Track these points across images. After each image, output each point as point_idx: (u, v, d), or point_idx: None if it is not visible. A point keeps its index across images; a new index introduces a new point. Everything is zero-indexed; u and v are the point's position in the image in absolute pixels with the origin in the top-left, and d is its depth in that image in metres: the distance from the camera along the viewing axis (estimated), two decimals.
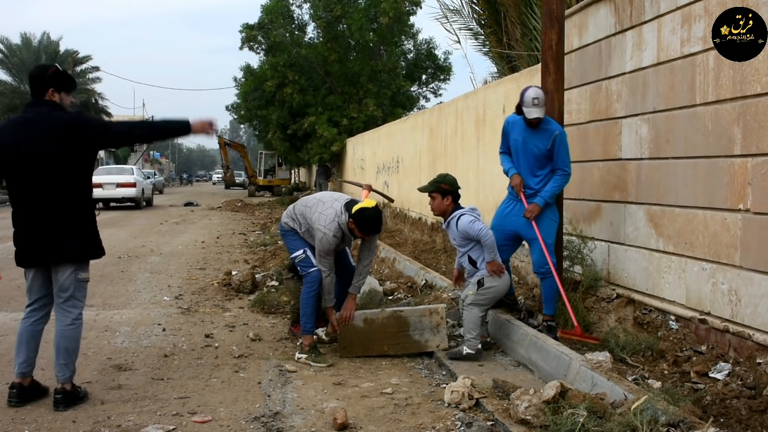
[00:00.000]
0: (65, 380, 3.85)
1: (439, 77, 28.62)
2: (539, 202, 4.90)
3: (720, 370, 3.83)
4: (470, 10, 10.71)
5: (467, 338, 4.75)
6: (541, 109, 4.83)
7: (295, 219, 5.15)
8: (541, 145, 4.89)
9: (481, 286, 4.77)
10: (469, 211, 4.90)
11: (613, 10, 5.16)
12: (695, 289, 4.27)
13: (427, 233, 10.94)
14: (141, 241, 12.56)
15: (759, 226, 3.70)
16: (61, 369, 3.85)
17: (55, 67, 3.95)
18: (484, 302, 4.79)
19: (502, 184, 7.51)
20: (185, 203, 25.99)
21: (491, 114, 8.01)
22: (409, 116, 16.24)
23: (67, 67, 38.39)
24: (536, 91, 4.87)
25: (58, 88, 3.86)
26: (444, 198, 4.94)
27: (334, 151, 23.66)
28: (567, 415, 3.26)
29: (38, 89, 3.85)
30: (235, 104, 32.11)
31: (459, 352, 4.72)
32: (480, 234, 4.71)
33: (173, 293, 7.48)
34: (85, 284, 3.96)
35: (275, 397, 4.06)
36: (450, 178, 5.07)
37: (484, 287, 4.77)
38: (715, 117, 4.03)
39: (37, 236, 3.81)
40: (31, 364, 3.94)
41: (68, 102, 3.93)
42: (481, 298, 4.78)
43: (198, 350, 5.16)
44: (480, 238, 4.69)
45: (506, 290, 4.99)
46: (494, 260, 4.75)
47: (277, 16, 25.08)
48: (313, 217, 4.95)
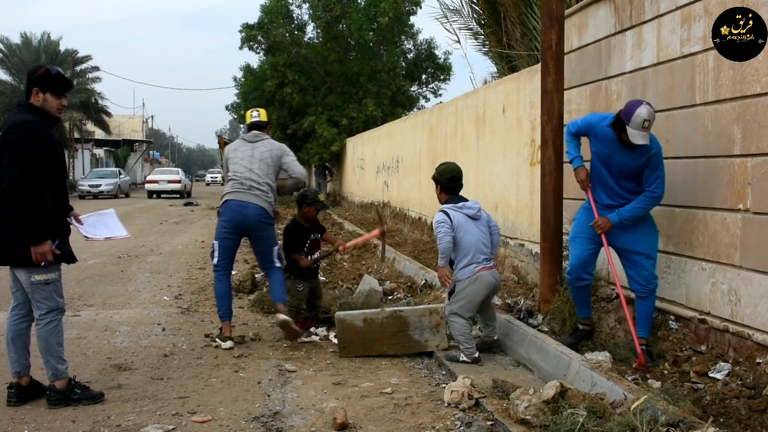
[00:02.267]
0: (51, 378, 3.92)
1: (439, 77, 28.57)
2: (613, 219, 4.27)
3: (720, 370, 3.83)
4: (470, 10, 10.71)
5: (462, 347, 4.67)
6: (649, 136, 4.10)
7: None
8: (631, 163, 4.24)
9: (452, 294, 4.73)
10: (453, 207, 4.71)
11: (612, 10, 5.16)
12: (695, 288, 4.27)
13: (426, 233, 10.93)
14: (141, 241, 12.56)
15: (759, 226, 3.70)
16: (45, 367, 3.93)
17: (46, 67, 3.93)
18: (460, 310, 4.66)
19: (503, 184, 7.53)
20: (185, 203, 25.99)
21: (491, 114, 8.01)
22: (409, 116, 16.24)
23: (67, 67, 38.45)
24: (649, 111, 4.05)
25: (43, 88, 3.83)
26: (437, 187, 4.89)
27: (333, 151, 23.64)
28: (567, 415, 3.26)
29: (27, 88, 3.90)
30: (235, 104, 32.05)
31: (456, 357, 4.69)
32: (436, 235, 4.58)
33: (173, 293, 7.48)
34: (43, 286, 3.82)
35: (275, 396, 4.06)
36: (442, 167, 4.94)
37: (456, 295, 4.70)
38: (715, 117, 4.03)
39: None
40: (23, 363, 3.96)
41: (56, 104, 3.88)
42: (457, 307, 4.67)
43: (198, 350, 5.16)
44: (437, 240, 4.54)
45: (482, 293, 4.67)
46: (443, 266, 4.68)
47: (276, 16, 25.05)
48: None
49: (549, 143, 5.21)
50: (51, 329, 3.87)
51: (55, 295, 3.89)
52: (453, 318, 4.69)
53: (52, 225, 3.84)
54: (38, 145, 3.74)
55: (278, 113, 25.68)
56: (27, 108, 3.86)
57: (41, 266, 3.78)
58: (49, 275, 3.84)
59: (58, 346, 3.91)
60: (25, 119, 3.78)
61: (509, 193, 7.32)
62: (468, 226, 4.73)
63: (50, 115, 3.90)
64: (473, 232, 4.74)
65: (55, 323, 3.89)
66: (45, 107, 3.86)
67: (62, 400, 3.87)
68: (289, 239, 5.79)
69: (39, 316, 3.88)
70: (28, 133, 3.72)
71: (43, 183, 3.75)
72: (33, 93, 3.85)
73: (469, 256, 4.69)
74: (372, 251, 10.14)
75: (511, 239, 7.25)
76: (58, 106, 3.91)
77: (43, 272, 3.82)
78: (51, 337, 3.88)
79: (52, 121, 3.94)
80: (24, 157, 3.67)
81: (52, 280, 3.86)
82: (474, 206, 4.86)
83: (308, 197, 5.78)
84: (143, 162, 60.52)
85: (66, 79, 3.97)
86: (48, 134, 3.85)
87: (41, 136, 3.77)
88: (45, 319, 3.87)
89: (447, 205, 4.80)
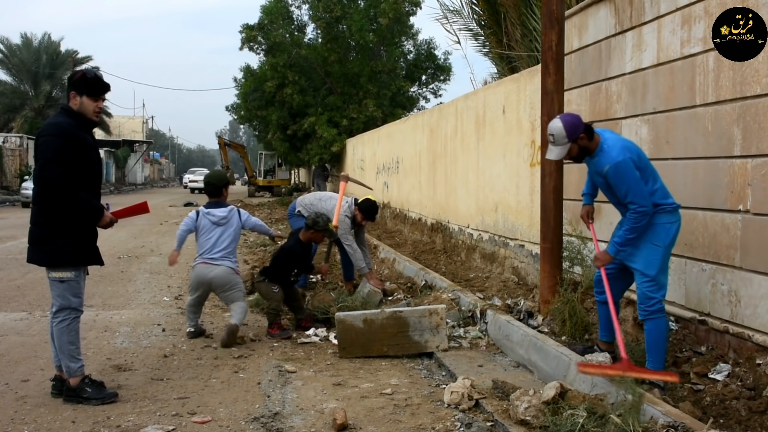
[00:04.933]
0: (66, 374, 4.01)
1: (439, 78, 28.58)
2: (611, 251, 3.93)
3: (719, 371, 3.82)
4: (470, 11, 10.71)
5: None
6: (561, 148, 3.91)
7: (305, 207, 6.91)
8: (599, 181, 4.08)
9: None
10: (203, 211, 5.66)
11: (613, 11, 5.16)
12: (695, 289, 4.27)
13: (426, 234, 10.93)
14: (141, 242, 12.56)
15: (759, 227, 3.70)
16: (62, 363, 4.03)
17: (83, 71, 4.07)
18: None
19: (503, 184, 7.54)
20: (185, 203, 25.99)
21: (491, 114, 8.01)
22: (409, 117, 16.24)
23: (67, 68, 38.47)
24: (553, 125, 3.93)
25: (80, 91, 3.95)
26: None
27: (334, 152, 23.65)
28: (567, 416, 3.26)
29: (66, 92, 4.01)
30: (235, 105, 32.06)
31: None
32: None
33: (173, 293, 7.48)
34: (57, 283, 3.96)
35: (275, 397, 4.06)
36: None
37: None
38: (715, 118, 4.03)
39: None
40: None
41: (92, 107, 4.00)
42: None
43: (198, 350, 5.16)
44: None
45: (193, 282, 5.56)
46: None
47: (276, 16, 25.07)
48: (327, 207, 6.77)
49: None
50: (63, 327, 3.96)
51: (68, 294, 3.97)
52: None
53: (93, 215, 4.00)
54: (68, 145, 3.83)
55: (278, 114, 25.70)
56: (64, 111, 3.99)
57: (62, 264, 3.92)
58: (64, 273, 3.95)
59: (70, 345, 3.98)
60: (56, 122, 3.92)
61: (509, 193, 7.32)
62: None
63: (87, 117, 4.00)
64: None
65: (67, 322, 3.97)
66: (82, 110, 3.97)
67: (74, 398, 3.95)
68: (292, 260, 5.83)
69: (52, 313, 4.02)
70: (57, 135, 3.84)
71: (76, 183, 3.85)
72: (71, 96, 3.97)
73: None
74: (372, 252, 10.14)
75: (511, 240, 7.25)
76: (95, 109, 4.03)
77: (60, 270, 3.94)
78: (63, 335, 3.97)
79: (89, 123, 4.06)
80: (54, 158, 3.78)
81: (67, 279, 3.96)
82: (219, 213, 5.56)
83: (319, 225, 5.86)
84: (143, 163, 60.53)
85: (102, 82, 4.05)
86: (79, 136, 3.93)
87: (71, 138, 3.87)
88: (58, 317, 3.98)
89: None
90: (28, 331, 5.69)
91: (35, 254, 3.97)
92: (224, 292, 5.48)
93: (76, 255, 3.96)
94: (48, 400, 4.00)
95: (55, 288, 3.97)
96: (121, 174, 50.81)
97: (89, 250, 4.05)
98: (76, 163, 3.86)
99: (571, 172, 5.54)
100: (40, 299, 7.01)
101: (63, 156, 3.79)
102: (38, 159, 3.84)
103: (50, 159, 3.78)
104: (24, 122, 36.38)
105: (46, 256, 3.93)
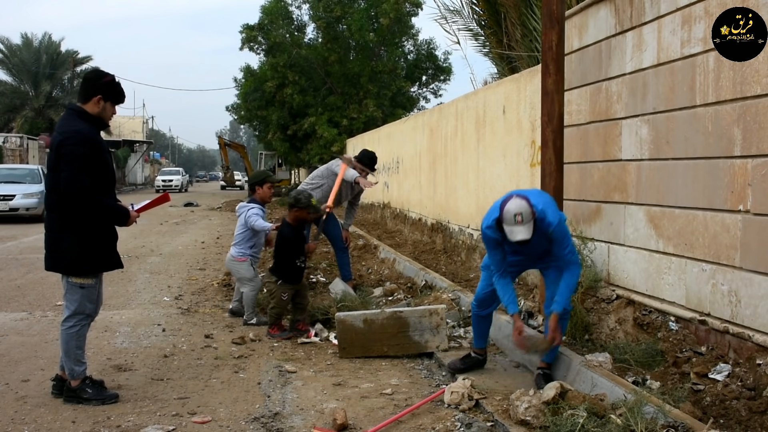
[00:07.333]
0: (68, 375, 4.01)
1: (439, 78, 28.58)
2: (557, 310, 4.01)
3: (720, 371, 3.82)
4: (470, 11, 10.71)
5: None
6: (528, 227, 3.75)
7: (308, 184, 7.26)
8: (539, 250, 4.11)
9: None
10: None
11: (613, 11, 5.16)
12: (695, 290, 4.27)
13: (427, 234, 10.93)
14: (141, 242, 12.57)
15: (759, 227, 3.70)
16: (65, 364, 4.03)
17: (111, 76, 4.03)
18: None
19: (503, 184, 7.53)
20: (185, 204, 25.99)
21: (491, 115, 8.01)
22: (409, 117, 16.24)
23: (68, 68, 38.48)
24: (518, 205, 3.76)
25: (106, 97, 3.94)
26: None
27: (334, 152, 23.63)
28: (567, 416, 3.26)
29: (86, 93, 3.94)
30: (235, 105, 32.06)
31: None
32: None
33: (173, 294, 7.48)
34: (77, 288, 3.94)
35: (275, 397, 4.06)
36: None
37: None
38: (715, 118, 4.03)
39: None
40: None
41: (110, 113, 4.01)
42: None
43: (198, 350, 5.16)
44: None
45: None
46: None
47: (276, 16, 25.06)
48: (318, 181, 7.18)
49: (549, 144, 5.21)
50: (72, 333, 3.97)
51: (85, 300, 3.98)
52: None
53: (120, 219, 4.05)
54: (92, 154, 3.85)
55: (278, 114, 25.71)
56: (79, 114, 3.93)
57: (86, 272, 3.92)
58: (86, 280, 3.95)
59: (77, 350, 3.99)
60: (78, 129, 3.87)
61: None
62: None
63: (103, 121, 4.00)
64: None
65: (77, 327, 3.98)
66: (102, 115, 3.97)
67: (74, 398, 3.96)
68: (288, 245, 5.74)
69: (65, 317, 3.99)
70: (82, 144, 3.82)
71: (99, 189, 3.87)
72: (95, 100, 3.92)
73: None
74: (372, 252, 10.14)
75: None
76: (111, 115, 4.05)
77: (81, 276, 3.93)
78: (71, 340, 3.98)
79: (103, 127, 4.08)
80: (81, 169, 3.77)
81: (87, 285, 3.96)
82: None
83: (301, 201, 5.74)
84: (143, 162, 60.51)
85: (123, 91, 4.09)
86: (99, 141, 3.96)
87: (93, 145, 3.87)
88: (69, 321, 3.97)
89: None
90: (28, 331, 5.69)
91: (56, 261, 3.94)
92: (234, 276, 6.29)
93: (100, 262, 3.98)
94: (48, 400, 4.00)
95: (73, 293, 3.95)
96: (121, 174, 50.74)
97: (111, 256, 4.06)
98: (97, 169, 3.88)
99: (572, 172, 5.55)
100: (40, 299, 7.01)
101: (89, 166, 3.80)
102: (63, 168, 3.77)
103: (77, 170, 3.75)
104: (24, 122, 36.36)
105: (69, 264, 3.91)
